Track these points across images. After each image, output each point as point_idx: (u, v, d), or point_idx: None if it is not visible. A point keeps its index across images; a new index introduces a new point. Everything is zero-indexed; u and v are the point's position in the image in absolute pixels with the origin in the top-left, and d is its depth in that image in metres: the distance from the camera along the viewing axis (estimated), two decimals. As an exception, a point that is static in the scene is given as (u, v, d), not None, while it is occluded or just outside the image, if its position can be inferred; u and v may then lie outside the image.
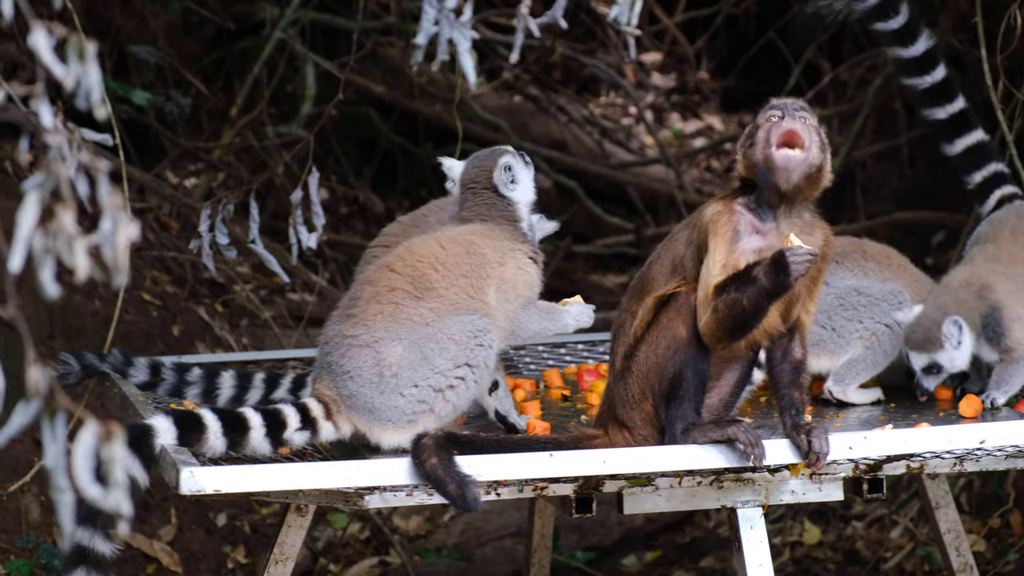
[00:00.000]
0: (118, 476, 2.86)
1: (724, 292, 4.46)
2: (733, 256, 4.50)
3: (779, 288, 4.42)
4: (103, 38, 9.25)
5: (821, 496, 4.82)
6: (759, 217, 4.57)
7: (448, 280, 4.91)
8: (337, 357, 4.83)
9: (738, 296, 4.43)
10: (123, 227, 2.88)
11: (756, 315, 4.48)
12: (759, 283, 4.41)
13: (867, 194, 10.32)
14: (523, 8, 4.23)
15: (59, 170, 2.86)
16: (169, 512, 7.77)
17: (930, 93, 5.87)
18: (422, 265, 4.93)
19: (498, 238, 5.10)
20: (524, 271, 5.09)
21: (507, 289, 5.01)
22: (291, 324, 9.13)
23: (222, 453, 4.60)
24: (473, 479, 4.37)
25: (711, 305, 4.49)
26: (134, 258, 8.60)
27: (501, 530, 8.46)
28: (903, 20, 5.79)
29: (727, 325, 4.50)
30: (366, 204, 11.37)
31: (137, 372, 5.62)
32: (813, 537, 8.30)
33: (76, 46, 2.93)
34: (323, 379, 4.85)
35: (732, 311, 4.45)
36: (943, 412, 5.28)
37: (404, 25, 10.61)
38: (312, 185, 6.12)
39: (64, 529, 2.94)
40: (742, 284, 4.43)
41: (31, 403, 2.87)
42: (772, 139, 4.52)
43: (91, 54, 2.95)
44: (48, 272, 2.89)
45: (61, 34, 2.93)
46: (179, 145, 9.59)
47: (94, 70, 2.96)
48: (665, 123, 13.42)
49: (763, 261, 4.43)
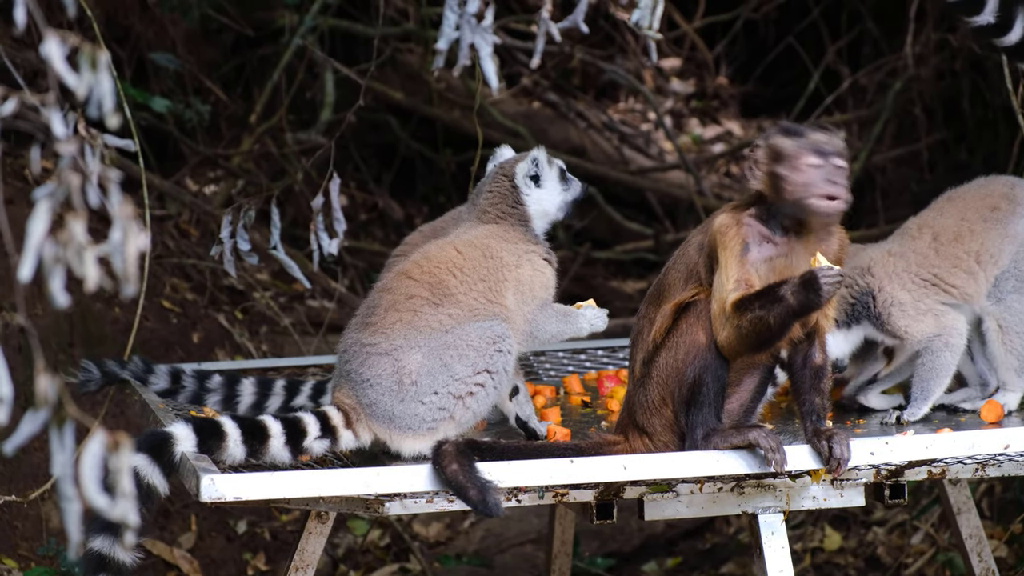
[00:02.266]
0: (125, 486, 2.86)
1: (747, 310, 4.44)
2: (745, 269, 4.49)
3: (808, 308, 4.41)
4: (123, 45, 9.27)
5: (842, 502, 4.81)
6: (770, 228, 4.55)
7: (467, 285, 4.90)
8: (356, 366, 4.82)
9: (763, 314, 4.41)
10: (133, 237, 2.88)
11: (781, 332, 4.47)
12: (786, 302, 4.39)
13: (887, 199, 10.30)
14: (544, 13, 4.22)
15: (70, 179, 2.86)
16: (189, 519, 7.78)
17: None
18: (440, 271, 4.92)
19: (513, 240, 5.10)
20: (540, 272, 5.08)
21: (524, 291, 5.01)
22: (311, 331, 9.13)
23: (242, 461, 4.60)
24: (494, 485, 4.36)
25: (733, 322, 4.47)
26: (154, 265, 8.62)
27: (521, 536, 8.46)
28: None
29: (750, 341, 4.49)
30: (385, 211, 11.38)
31: (157, 379, 5.62)
32: (834, 543, 8.28)
33: (89, 55, 2.93)
34: (342, 388, 4.85)
35: (756, 328, 4.44)
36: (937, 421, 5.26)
37: (423, 31, 10.62)
38: (333, 191, 6.13)
39: (71, 538, 2.93)
40: (767, 302, 4.41)
41: (40, 412, 2.87)
42: (813, 189, 4.48)
43: (104, 63, 2.95)
44: (58, 281, 2.89)
45: (74, 43, 2.93)
46: (199, 152, 9.60)
47: (106, 79, 2.96)
48: (684, 128, 13.41)
49: (791, 280, 4.40)
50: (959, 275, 5.29)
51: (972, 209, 5.39)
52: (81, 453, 2.89)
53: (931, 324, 5.27)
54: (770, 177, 4.54)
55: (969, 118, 9.84)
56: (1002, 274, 5.31)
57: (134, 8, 9.36)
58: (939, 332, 5.26)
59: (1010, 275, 5.31)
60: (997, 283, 5.31)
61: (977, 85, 9.50)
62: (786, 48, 12.65)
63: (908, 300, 5.28)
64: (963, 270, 5.29)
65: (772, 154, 4.54)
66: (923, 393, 5.25)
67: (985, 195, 5.43)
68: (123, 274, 2.88)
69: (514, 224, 5.16)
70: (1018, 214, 5.35)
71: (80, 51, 2.91)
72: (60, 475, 2.91)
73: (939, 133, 10.26)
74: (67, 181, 2.87)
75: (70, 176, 2.86)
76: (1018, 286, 5.30)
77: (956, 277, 5.30)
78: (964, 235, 5.33)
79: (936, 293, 5.29)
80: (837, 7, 12.03)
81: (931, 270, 5.30)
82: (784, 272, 4.51)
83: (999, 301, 5.31)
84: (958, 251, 5.31)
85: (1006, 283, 5.31)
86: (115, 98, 2.94)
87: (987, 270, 5.30)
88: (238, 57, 10.40)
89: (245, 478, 4.31)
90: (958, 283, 5.29)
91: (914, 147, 10.47)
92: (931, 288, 5.29)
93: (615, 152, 12.31)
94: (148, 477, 4.39)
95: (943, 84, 10.09)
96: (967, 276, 5.29)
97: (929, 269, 5.30)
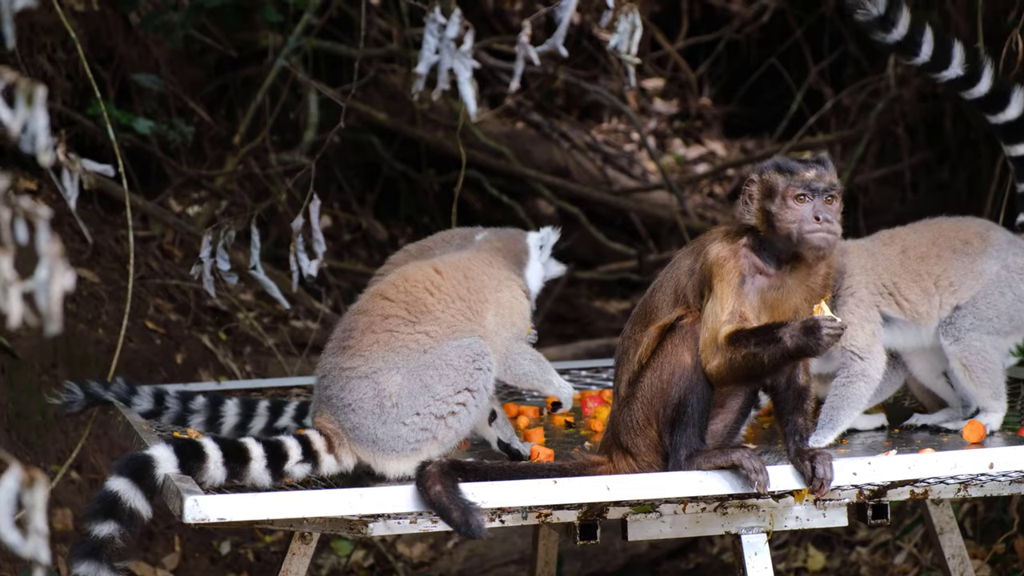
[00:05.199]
0: (38, 524, 2.85)
1: (742, 345, 4.46)
2: (741, 301, 4.52)
3: (803, 353, 4.44)
4: (106, 66, 9.27)
5: (825, 522, 4.82)
6: (763, 259, 4.58)
7: (444, 303, 4.90)
8: (336, 391, 4.82)
9: (758, 351, 4.43)
10: (59, 276, 2.87)
11: (773, 371, 4.52)
12: (783, 344, 4.41)
13: (870, 218, 10.32)
14: (523, 37, 4.24)
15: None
16: (173, 540, 7.77)
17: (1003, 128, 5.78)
18: (416, 290, 4.92)
19: (498, 267, 5.11)
20: (519, 300, 5.11)
21: (504, 315, 5.02)
22: (294, 352, 9.13)
23: (222, 482, 4.59)
24: (477, 506, 4.36)
25: (726, 354, 4.49)
26: (137, 286, 8.61)
27: (505, 557, 8.45)
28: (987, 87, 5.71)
29: (740, 374, 4.52)
30: (369, 231, 11.38)
31: (141, 400, 5.62)
32: (818, 563, 8.29)
33: (24, 91, 2.93)
34: (323, 413, 4.84)
35: (749, 363, 4.47)
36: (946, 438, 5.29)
37: (407, 52, 10.64)
38: (313, 212, 6.12)
39: None
40: (764, 341, 4.43)
41: None
42: (804, 226, 4.52)
43: (40, 98, 2.95)
44: None
45: (10, 79, 2.92)
46: (182, 173, 9.60)
47: (42, 114, 2.95)
48: (667, 149, 13.45)
49: (791, 324, 4.42)
50: (915, 291, 5.34)
51: (945, 237, 5.45)
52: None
53: (864, 339, 5.29)
54: (762, 212, 4.57)
55: (951, 138, 9.87)
56: (959, 310, 5.34)
57: (118, 29, 9.37)
58: (865, 355, 5.28)
59: (967, 312, 5.34)
60: (953, 320, 5.34)
61: (959, 106, 9.53)
62: (769, 69, 12.69)
63: (865, 299, 5.31)
64: (920, 288, 5.34)
65: (764, 190, 4.58)
66: (831, 422, 5.26)
67: (961, 228, 5.49)
68: (47, 312, 2.87)
69: (507, 257, 5.19)
70: (988, 254, 5.40)
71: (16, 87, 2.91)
72: None
73: (921, 153, 10.29)
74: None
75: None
76: (976, 324, 5.33)
77: (912, 292, 5.34)
78: (931, 257, 5.38)
79: (889, 304, 5.33)
80: (820, 28, 12.08)
81: (892, 278, 5.34)
82: (775, 304, 4.56)
83: (957, 340, 5.33)
84: (921, 269, 5.36)
85: (963, 320, 5.34)
86: (48, 135, 2.94)
87: (943, 296, 5.35)
88: (222, 78, 10.40)
89: (229, 499, 4.30)
90: (912, 298, 5.33)
91: (897, 167, 10.51)
92: (887, 298, 5.33)
93: (598, 172, 12.34)
94: (130, 501, 4.38)
95: (925, 105, 10.13)
96: (923, 295, 5.33)
97: (891, 277, 5.35)
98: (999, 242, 5.45)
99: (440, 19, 4.35)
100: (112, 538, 4.32)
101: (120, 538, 4.34)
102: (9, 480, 2.84)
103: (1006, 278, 5.38)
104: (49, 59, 8.67)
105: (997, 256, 5.41)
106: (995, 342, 5.34)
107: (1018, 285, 5.38)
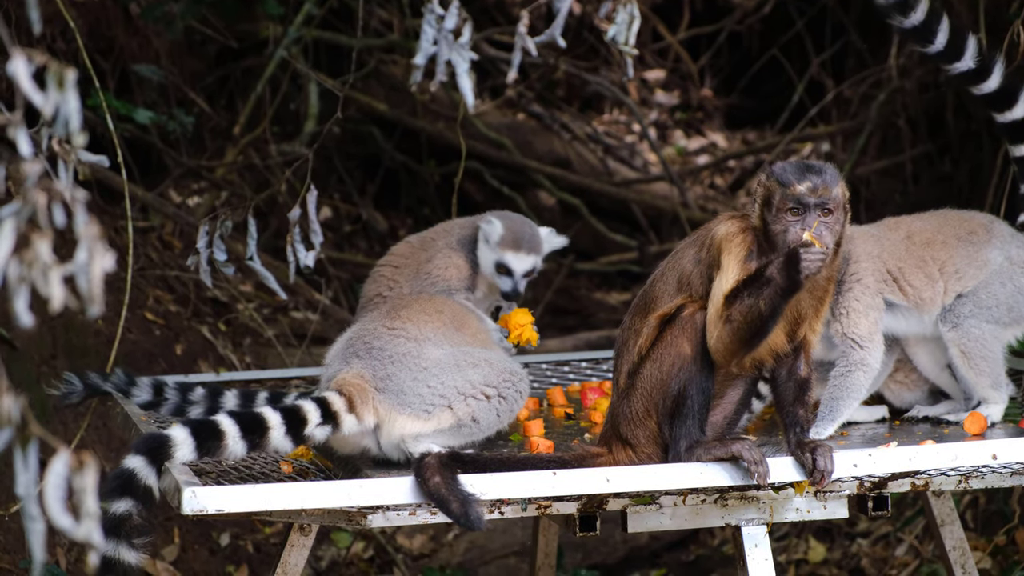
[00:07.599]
0: (90, 507, 2.84)
1: (737, 299, 4.44)
2: (745, 272, 4.50)
3: (795, 285, 4.40)
4: (106, 57, 9.26)
5: (826, 514, 4.80)
6: (766, 254, 4.56)
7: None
8: (382, 343, 4.93)
9: (753, 301, 4.42)
10: (98, 257, 2.85)
11: (773, 317, 4.45)
12: (773, 282, 4.40)
13: (871, 210, 10.30)
14: (521, 27, 4.23)
15: (36, 199, 2.84)
16: (172, 532, 7.76)
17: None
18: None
19: None
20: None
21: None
22: (294, 343, 9.12)
23: (244, 457, 4.59)
24: (476, 498, 4.36)
25: (724, 315, 4.47)
26: (137, 277, 8.60)
27: (505, 548, 8.45)
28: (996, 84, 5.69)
29: (743, 333, 4.47)
30: (369, 222, 11.37)
31: (140, 392, 5.61)
32: (818, 555, 8.28)
33: (56, 74, 2.92)
34: (354, 365, 4.87)
35: (747, 317, 4.43)
36: (947, 430, 5.28)
37: (407, 43, 10.62)
38: (310, 203, 6.11)
39: (34, 559, 2.91)
40: (756, 287, 4.42)
41: (3, 432, 2.85)
42: (792, 240, 4.49)
43: (71, 81, 2.94)
44: (22, 301, 2.87)
45: (41, 61, 2.91)
46: (182, 164, 9.59)
47: (73, 97, 2.94)
48: (668, 140, 13.43)
49: (774, 261, 4.41)
50: (920, 276, 5.34)
51: (951, 225, 5.46)
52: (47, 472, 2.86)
53: (867, 327, 5.28)
54: (760, 216, 4.56)
55: (953, 130, 9.85)
56: (960, 298, 5.34)
57: (118, 20, 9.35)
58: (865, 344, 5.27)
59: (968, 300, 5.35)
60: (953, 306, 5.34)
61: (961, 97, 9.51)
62: (770, 60, 12.67)
63: (870, 286, 5.30)
64: (925, 273, 5.34)
65: (764, 195, 4.56)
66: (831, 413, 5.24)
67: (966, 219, 5.51)
68: (88, 294, 2.86)
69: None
70: (992, 244, 5.41)
71: (47, 69, 2.90)
72: (24, 495, 2.88)
73: (923, 145, 10.27)
74: (33, 200, 2.85)
75: (36, 195, 2.84)
76: (975, 311, 5.33)
77: (916, 278, 5.34)
78: (936, 244, 5.39)
79: (893, 290, 5.32)
80: (821, 19, 12.06)
81: (897, 263, 5.34)
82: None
83: (956, 327, 5.33)
84: (926, 255, 5.37)
85: (963, 307, 5.34)
86: (81, 117, 2.92)
87: (947, 283, 5.35)
88: (222, 69, 10.39)
89: (227, 491, 4.29)
90: (916, 284, 5.33)
91: (898, 159, 10.48)
92: (891, 284, 5.33)
93: (599, 164, 12.32)
94: (145, 479, 4.37)
95: (927, 96, 10.10)
96: (927, 280, 5.33)
97: (896, 262, 5.34)
98: (1003, 234, 5.46)
99: (438, 10, 4.35)
100: (130, 515, 4.32)
101: (138, 515, 4.34)
102: (58, 464, 2.82)
103: (1008, 270, 5.38)
104: (49, 49, 8.65)
105: (1001, 248, 5.41)
106: (994, 331, 5.33)
107: (1019, 278, 5.39)
